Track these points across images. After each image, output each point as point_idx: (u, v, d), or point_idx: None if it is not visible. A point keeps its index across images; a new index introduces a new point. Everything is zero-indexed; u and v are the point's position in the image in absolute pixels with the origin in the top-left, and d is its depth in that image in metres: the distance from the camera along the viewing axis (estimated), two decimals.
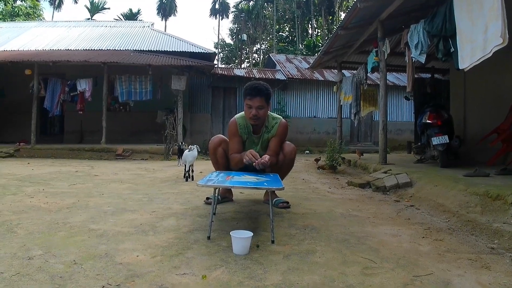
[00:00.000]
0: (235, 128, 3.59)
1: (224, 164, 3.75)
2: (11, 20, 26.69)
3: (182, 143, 8.21)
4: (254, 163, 3.17)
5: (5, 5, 30.18)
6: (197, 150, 5.95)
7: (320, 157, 8.62)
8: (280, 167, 3.66)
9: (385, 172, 5.56)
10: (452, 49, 4.75)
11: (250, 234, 2.34)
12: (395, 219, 3.34)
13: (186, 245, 2.44)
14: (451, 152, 6.01)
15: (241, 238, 2.29)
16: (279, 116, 3.69)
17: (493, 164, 5.48)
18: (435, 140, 5.74)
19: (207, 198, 3.86)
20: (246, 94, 3.47)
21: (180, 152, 7.98)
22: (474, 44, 4.04)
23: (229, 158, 3.61)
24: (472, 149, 6.94)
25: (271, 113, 3.65)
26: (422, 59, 5.67)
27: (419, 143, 7.06)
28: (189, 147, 5.98)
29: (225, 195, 3.94)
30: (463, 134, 7.43)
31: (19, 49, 14.89)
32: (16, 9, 30.52)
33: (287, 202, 3.73)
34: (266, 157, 3.19)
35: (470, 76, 7.25)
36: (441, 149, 5.76)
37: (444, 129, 5.84)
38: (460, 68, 4.43)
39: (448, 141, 5.68)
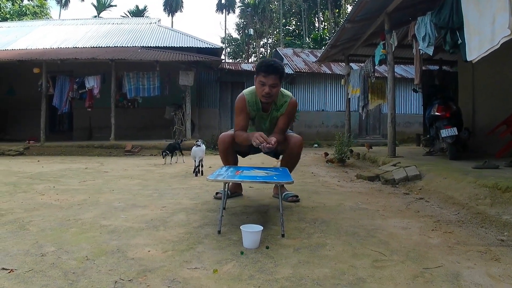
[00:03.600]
0: (243, 104, 3.49)
1: (234, 161, 3.74)
2: (18, 20, 26.85)
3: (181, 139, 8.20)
4: (260, 147, 3.13)
5: (12, 4, 30.37)
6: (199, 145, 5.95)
7: (328, 153, 8.61)
8: (287, 160, 3.64)
9: (394, 165, 5.55)
10: (460, 41, 4.72)
11: (260, 228, 2.36)
12: (405, 212, 3.34)
13: (197, 239, 2.46)
14: (460, 144, 5.98)
15: (251, 232, 2.31)
16: (289, 94, 3.59)
17: (502, 156, 5.45)
18: (444, 133, 5.71)
19: (217, 193, 3.86)
20: (261, 71, 3.32)
21: (168, 149, 8.00)
22: (482, 36, 4.01)
23: (235, 134, 3.52)
24: (481, 141, 6.91)
25: (281, 89, 3.53)
26: (430, 51, 5.63)
27: (428, 136, 7.03)
28: (196, 142, 6.01)
29: (235, 190, 3.94)
30: (472, 126, 7.38)
31: (27, 48, 15.01)
32: (23, 8, 30.71)
33: (297, 196, 3.71)
34: (272, 140, 3.11)
35: (479, 68, 7.19)
36: (450, 141, 5.72)
37: (452, 121, 5.80)
38: (468, 60, 4.39)
39: (457, 133, 5.64)
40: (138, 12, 46.18)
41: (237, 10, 48.26)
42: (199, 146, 5.87)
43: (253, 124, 3.64)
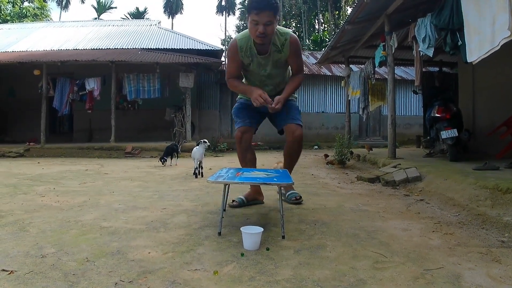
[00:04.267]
0: (234, 50, 3.24)
1: (251, 159, 3.57)
2: (19, 22, 26.87)
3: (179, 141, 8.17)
4: (269, 108, 3.12)
5: (13, 6, 30.39)
6: (204, 147, 5.93)
7: (328, 155, 8.61)
8: (287, 156, 3.58)
9: (395, 167, 5.54)
10: (460, 42, 4.72)
11: (261, 229, 2.35)
12: (405, 213, 3.34)
13: (197, 241, 2.46)
14: (460, 145, 5.98)
15: (251, 233, 2.31)
16: (287, 30, 3.26)
17: (503, 157, 5.45)
18: (444, 134, 5.70)
19: (233, 201, 3.51)
20: (252, 8, 2.97)
21: (167, 151, 7.97)
22: (482, 37, 4.01)
23: (228, 81, 3.42)
24: (482, 143, 6.90)
25: (278, 27, 3.17)
26: (430, 52, 5.64)
27: (428, 137, 7.02)
28: (198, 142, 6.01)
29: (255, 197, 3.63)
30: (472, 127, 7.38)
31: (28, 50, 15.03)
32: (24, 10, 30.72)
33: (300, 197, 3.63)
34: (279, 102, 3.10)
35: (479, 69, 7.19)
36: (450, 143, 5.72)
37: (453, 122, 5.80)
38: (468, 61, 4.39)
39: (457, 134, 5.64)
40: (138, 14, 46.23)
41: (237, 12, 48.24)
42: (198, 147, 5.88)
43: (250, 71, 3.40)
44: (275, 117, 3.55)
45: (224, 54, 16.27)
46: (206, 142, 5.99)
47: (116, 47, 15.45)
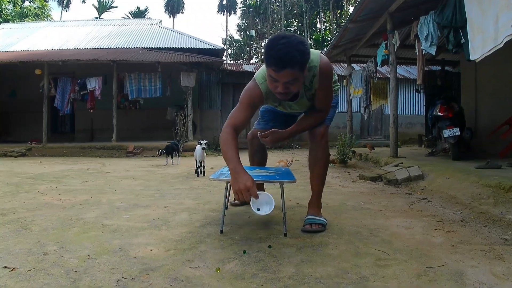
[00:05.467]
0: (256, 96, 2.50)
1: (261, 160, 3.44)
2: (20, 21, 26.90)
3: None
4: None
5: (14, 6, 30.42)
6: (203, 147, 5.94)
7: (331, 154, 8.60)
8: (310, 161, 2.99)
9: (397, 165, 5.54)
10: (463, 40, 4.71)
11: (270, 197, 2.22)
12: (407, 212, 3.33)
13: (199, 239, 2.46)
14: (462, 144, 5.96)
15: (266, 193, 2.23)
16: (315, 59, 2.40)
17: (505, 156, 5.43)
18: (446, 133, 5.69)
19: (234, 199, 3.40)
20: (269, 65, 2.20)
21: (166, 150, 7.93)
22: (485, 35, 4.00)
23: (223, 129, 2.49)
24: (484, 142, 6.88)
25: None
26: (433, 51, 5.62)
27: (430, 136, 7.01)
28: (199, 142, 6.03)
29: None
30: (475, 126, 7.36)
31: (29, 49, 15.05)
32: (25, 10, 30.75)
33: (323, 226, 2.67)
34: (271, 138, 2.68)
35: (481, 68, 7.17)
36: (452, 142, 5.70)
37: (455, 121, 5.78)
38: (471, 59, 4.38)
39: (459, 133, 5.62)
40: (139, 14, 46.25)
41: (239, 11, 48.24)
42: (202, 146, 5.89)
43: (279, 108, 2.86)
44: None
45: (225, 53, 16.24)
46: (201, 143, 6.01)
47: (117, 47, 15.47)
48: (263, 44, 47.12)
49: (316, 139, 2.83)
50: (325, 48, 15.27)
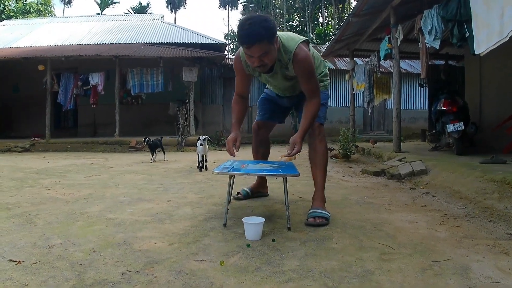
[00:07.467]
0: (239, 63, 2.92)
1: (263, 153, 3.51)
2: (23, 17, 26.91)
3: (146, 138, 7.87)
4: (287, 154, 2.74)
5: (16, 2, 30.43)
6: (201, 143, 5.94)
7: (331, 148, 8.58)
8: (310, 159, 3.22)
9: (400, 160, 5.52)
10: (468, 34, 4.68)
11: (262, 220, 2.36)
12: (411, 206, 3.32)
13: (203, 232, 2.46)
14: (466, 139, 5.93)
15: (253, 224, 2.31)
16: (292, 46, 2.66)
17: (510, 151, 5.41)
18: (450, 127, 5.66)
19: (238, 193, 3.51)
20: (241, 43, 2.55)
21: (150, 147, 7.78)
22: (490, 29, 3.97)
23: (233, 102, 3.12)
24: (488, 136, 6.85)
25: (284, 37, 2.69)
26: (437, 44, 5.58)
27: (434, 131, 6.98)
28: (199, 137, 6.04)
29: (258, 190, 3.62)
30: (479, 120, 7.33)
31: (32, 45, 15.05)
32: (27, 6, 30.75)
33: (327, 219, 2.71)
34: (296, 144, 2.69)
35: (486, 62, 7.13)
36: (456, 136, 5.67)
37: (459, 115, 5.75)
38: (476, 53, 4.35)
39: (463, 128, 5.59)
40: (141, 9, 46.23)
41: (240, 6, 48.13)
42: (200, 142, 5.90)
43: (266, 81, 3.09)
44: (298, 113, 3.15)
45: (227, 48, 16.20)
46: (200, 139, 6.03)
47: (119, 42, 15.45)
48: None
49: (313, 133, 3.00)
50: (327, 43, 15.22)
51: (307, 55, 2.68)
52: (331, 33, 28.29)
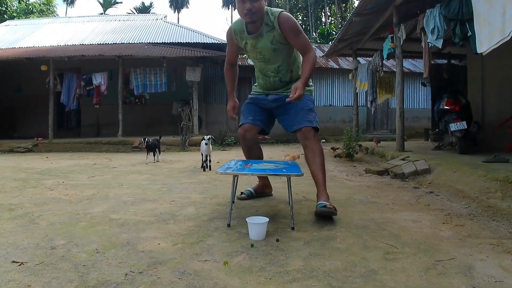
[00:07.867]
0: (229, 33, 3.21)
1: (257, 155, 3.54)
2: (25, 18, 26.97)
3: (145, 139, 7.80)
4: (288, 100, 2.83)
5: (19, 3, 30.51)
6: (205, 143, 5.94)
7: (335, 147, 8.58)
8: (308, 163, 3.14)
9: (403, 159, 5.51)
10: (470, 33, 4.66)
11: (266, 219, 2.36)
12: (415, 205, 3.32)
13: (207, 232, 2.46)
14: (469, 138, 5.92)
15: (257, 223, 2.31)
16: (279, 10, 3.04)
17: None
18: (453, 126, 5.65)
19: (241, 193, 3.54)
20: None
21: (148, 147, 7.68)
22: (492, 28, 3.95)
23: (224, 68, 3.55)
24: (491, 135, 6.83)
25: (269, 8, 3.03)
26: (439, 44, 5.57)
27: (437, 130, 6.97)
28: (203, 137, 6.03)
29: (263, 190, 3.64)
30: (481, 119, 7.31)
31: (35, 46, 15.07)
32: (30, 7, 30.84)
33: (335, 209, 2.77)
34: (297, 89, 2.78)
35: (488, 61, 7.11)
36: (459, 135, 5.66)
37: (462, 114, 5.74)
38: (478, 52, 4.34)
39: (466, 127, 5.58)
40: (144, 9, 46.29)
41: None
42: (205, 142, 5.89)
43: (247, 51, 3.25)
44: (283, 118, 3.30)
45: None
46: (205, 138, 6.01)
47: (122, 42, 15.45)
48: None
49: (307, 135, 3.08)
50: (330, 42, 15.20)
51: (291, 16, 3.03)
52: (334, 33, 28.26)
